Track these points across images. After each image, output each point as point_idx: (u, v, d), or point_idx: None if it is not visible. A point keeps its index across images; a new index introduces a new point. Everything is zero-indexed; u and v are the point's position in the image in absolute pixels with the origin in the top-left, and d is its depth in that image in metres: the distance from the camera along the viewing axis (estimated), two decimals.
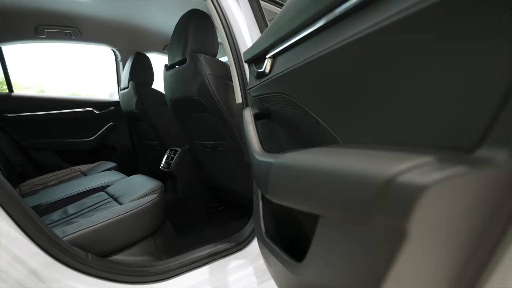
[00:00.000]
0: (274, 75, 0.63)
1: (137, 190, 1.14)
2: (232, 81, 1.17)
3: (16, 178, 1.88)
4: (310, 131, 0.57)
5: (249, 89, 0.85)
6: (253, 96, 0.82)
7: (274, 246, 0.62)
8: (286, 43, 0.57)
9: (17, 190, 1.70)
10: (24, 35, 1.86)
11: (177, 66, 1.36)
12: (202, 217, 1.77)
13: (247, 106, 1.09)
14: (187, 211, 1.71)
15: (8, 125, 1.94)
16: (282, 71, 0.59)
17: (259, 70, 0.71)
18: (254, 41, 0.91)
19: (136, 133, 2.29)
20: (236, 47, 1.06)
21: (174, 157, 1.73)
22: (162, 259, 1.05)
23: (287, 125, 0.68)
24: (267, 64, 0.66)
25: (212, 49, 1.27)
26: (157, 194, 1.10)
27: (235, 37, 1.06)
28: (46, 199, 1.33)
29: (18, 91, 2.03)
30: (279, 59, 0.62)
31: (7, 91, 1.99)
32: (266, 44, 0.65)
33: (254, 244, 1.09)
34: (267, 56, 0.65)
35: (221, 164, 1.49)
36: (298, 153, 0.42)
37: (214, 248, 1.03)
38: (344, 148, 0.36)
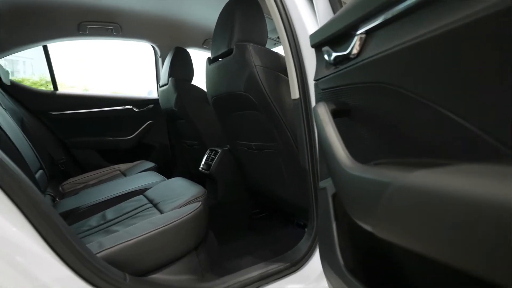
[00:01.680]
0: (369, 57, 0.46)
1: (178, 197, 1.02)
2: (284, 74, 1.01)
3: (60, 176, 1.89)
4: (435, 138, 0.39)
5: (317, 80, 0.68)
6: (323, 89, 0.65)
7: None
8: (393, 9, 0.40)
9: (60, 188, 1.69)
10: (67, 32, 1.85)
11: (220, 59, 1.23)
12: (244, 224, 1.64)
13: (305, 102, 0.92)
14: (227, 217, 1.59)
15: (52, 123, 1.96)
16: (387, 50, 0.41)
17: (340, 54, 0.54)
18: (322, 24, 0.74)
19: (175, 132, 2.22)
20: (294, 32, 0.89)
21: (214, 158, 1.60)
22: (205, 277, 0.92)
23: (383, 127, 0.50)
24: (355, 44, 0.49)
25: (261, 37, 1.12)
26: (200, 202, 0.97)
27: (292, 20, 0.90)
28: (85, 201, 1.27)
29: (62, 89, 2.05)
30: (379, 34, 0.45)
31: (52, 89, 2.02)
32: (353, 17, 0.48)
33: (312, 264, 0.93)
34: (358, 33, 0.48)
35: (267, 168, 1.34)
36: (464, 176, 0.25)
37: (266, 269, 0.88)
38: None
